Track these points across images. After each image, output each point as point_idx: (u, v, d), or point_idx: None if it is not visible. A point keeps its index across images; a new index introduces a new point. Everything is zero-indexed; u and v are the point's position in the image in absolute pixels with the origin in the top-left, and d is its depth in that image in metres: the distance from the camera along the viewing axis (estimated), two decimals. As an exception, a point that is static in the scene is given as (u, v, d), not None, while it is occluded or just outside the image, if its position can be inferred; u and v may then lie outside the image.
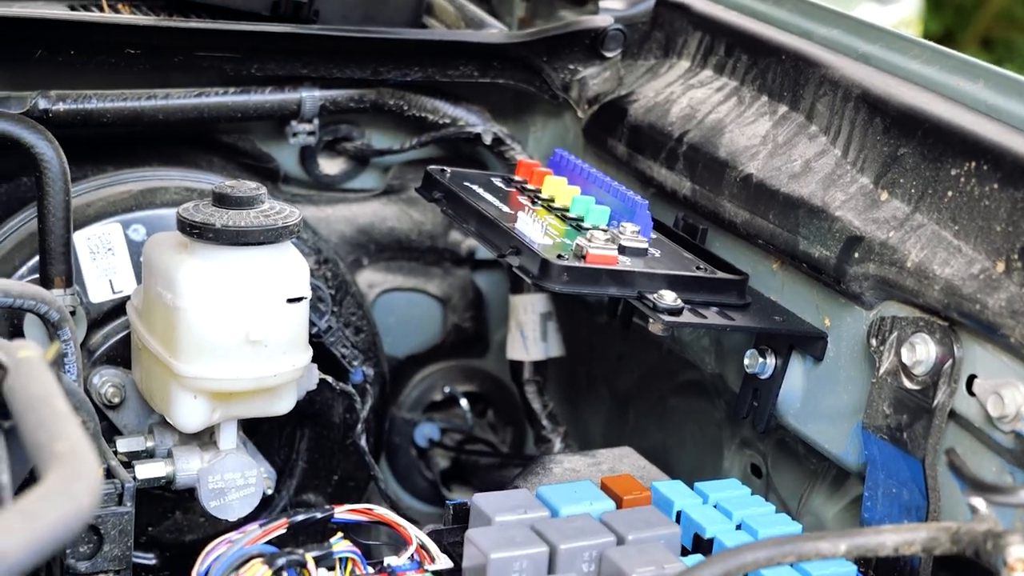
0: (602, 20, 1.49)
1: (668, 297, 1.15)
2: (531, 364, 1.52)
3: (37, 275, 1.42)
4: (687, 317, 1.16)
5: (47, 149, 1.35)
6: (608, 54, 1.51)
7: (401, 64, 1.51)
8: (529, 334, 1.50)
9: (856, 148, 1.19)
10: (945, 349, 1.02)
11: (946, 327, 1.03)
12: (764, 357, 1.23)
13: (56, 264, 1.36)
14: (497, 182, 1.40)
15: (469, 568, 1.05)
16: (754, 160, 1.26)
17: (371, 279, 1.64)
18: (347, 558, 1.11)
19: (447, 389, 1.69)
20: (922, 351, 1.04)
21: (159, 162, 1.51)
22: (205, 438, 1.35)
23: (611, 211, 1.31)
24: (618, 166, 1.45)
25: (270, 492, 1.44)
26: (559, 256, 1.17)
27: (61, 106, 1.39)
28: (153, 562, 1.47)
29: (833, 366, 1.17)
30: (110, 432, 1.41)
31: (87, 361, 1.43)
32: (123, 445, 1.34)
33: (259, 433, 1.49)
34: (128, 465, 1.32)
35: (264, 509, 1.48)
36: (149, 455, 1.35)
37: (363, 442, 1.50)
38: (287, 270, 1.28)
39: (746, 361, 1.24)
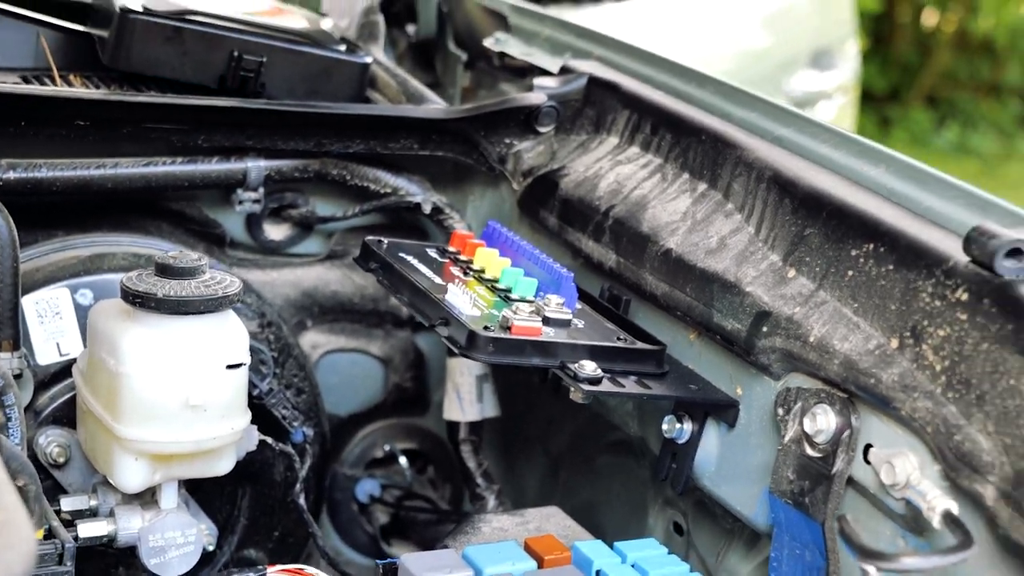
0: (536, 97, 1.51)
1: (588, 367, 1.17)
2: (467, 424, 1.53)
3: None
4: (606, 386, 1.18)
5: None
6: (542, 129, 1.53)
7: (344, 136, 1.52)
8: (465, 395, 1.51)
9: (767, 227, 1.21)
10: (844, 420, 1.05)
11: (845, 399, 1.06)
12: (681, 423, 1.25)
13: (3, 328, 1.35)
14: (432, 253, 1.41)
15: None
16: (674, 235, 1.28)
17: (315, 340, 1.65)
18: None
19: (387, 447, 1.70)
20: (823, 421, 1.06)
21: (108, 228, 1.51)
22: (147, 497, 1.35)
23: (538, 283, 1.32)
24: (550, 237, 1.47)
25: (211, 548, 1.44)
26: (486, 328, 1.19)
27: (11, 175, 1.39)
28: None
29: (744, 432, 1.19)
30: (55, 491, 1.39)
31: (33, 421, 1.42)
32: (67, 504, 1.34)
33: (201, 491, 1.47)
34: (71, 524, 1.31)
35: (206, 564, 1.48)
36: (92, 513, 1.34)
37: (302, 500, 1.49)
38: (227, 338, 1.28)
39: (664, 426, 1.26)
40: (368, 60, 1.59)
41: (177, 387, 1.25)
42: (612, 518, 1.47)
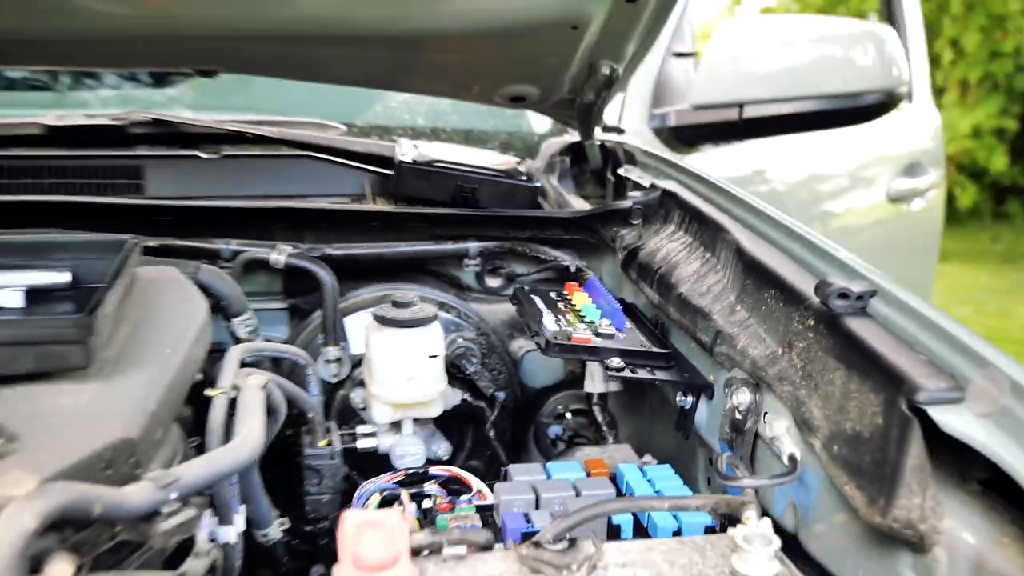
0: (628, 203, 1.55)
1: (616, 361, 1.24)
2: (597, 395, 1.53)
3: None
4: (626, 373, 1.23)
5: (325, 275, 1.47)
6: (633, 221, 1.56)
7: (524, 228, 1.60)
8: (596, 378, 1.50)
9: (731, 279, 1.22)
10: (753, 397, 1.08)
11: (755, 384, 1.09)
12: (686, 396, 1.27)
13: (330, 334, 1.49)
14: (552, 294, 1.46)
15: (497, 504, 1.10)
16: (685, 284, 1.30)
17: (520, 344, 1.66)
18: (435, 495, 1.18)
19: (562, 407, 1.69)
20: (742, 397, 1.10)
21: (396, 280, 1.58)
22: (395, 428, 1.40)
23: (602, 312, 1.37)
24: (634, 285, 1.49)
25: (446, 457, 1.47)
26: (555, 337, 1.25)
27: (336, 252, 1.52)
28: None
29: (715, 403, 1.21)
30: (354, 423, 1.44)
31: (350, 385, 1.52)
32: (360, 429, 1.40)
33: (445, 428, 1.50)
34: (354, 438, 1.39)
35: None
36: (371, 435, 1.40)
37: (492, 435, 1.55)
38: (427, 341, 1.33)
39: (677, 398, 1.29)
40: (537, 184, 1.66)
41: (400, 367, 1.31)
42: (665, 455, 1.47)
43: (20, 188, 1.59)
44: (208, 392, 1.06)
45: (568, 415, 1.70)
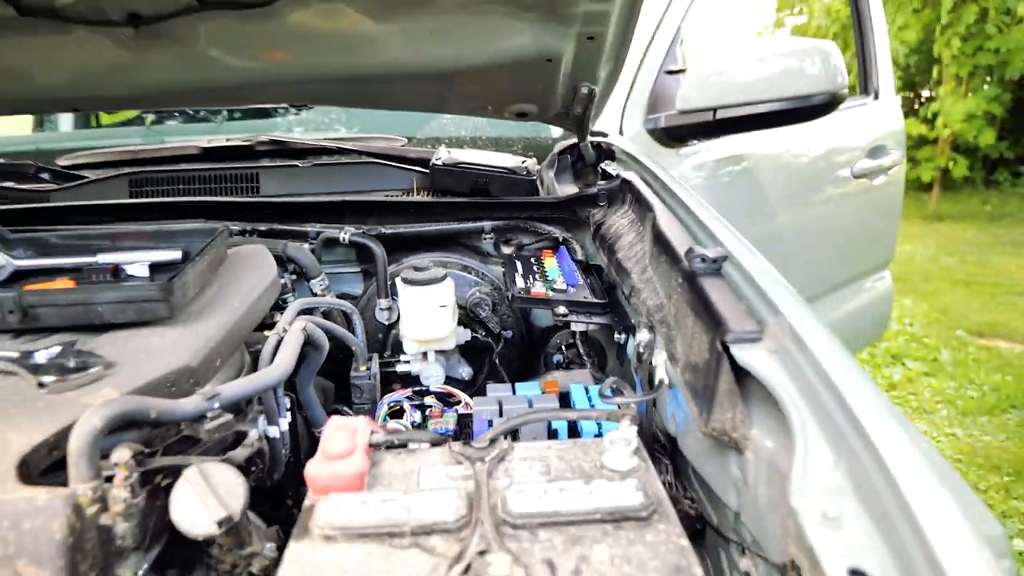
0: (594, 190, 1.50)
1: (561, 309, 1.22)
2: (579, 333, 1.43)
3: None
4: (571, 317, 1.23)
5: (376, 247, 1.49)
6: (600, 204, 1.51)
7: (523, 210, 1.57)
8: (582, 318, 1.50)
9: (648, 246, 1.17)
10: (651, 336, 1.05)
11: (650, 326, 1.06)
12: (622, 335, 1.25)
13: (382, 289, 1.51)
14: (532, 260, 1.43)
15: (473, 413, 1.09)
16: (622, 251, 1.25)
17: None
18: (432, 406, 1.19)
19: (559, 341, 1.60)
20: (643, 336, 1.07)
21: (436, 251, 1.58)
22: (423, 358, 1.40)
23: (562, 273, 1.34)
24: (599, 252, 1.44)
25: (468, 379, 1.46)
26: (519, 292, 1.24)
27: (387, 231, 1.53)
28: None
29: (635, 340, 1.17)
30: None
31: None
32: (402, 357, 1.39)
33: (470, 357, 1.48)
34: (394, 364, 1.38)
35: (471, 387, 1.50)
36: (407, 362, 1.39)
37: (496, 361, 1.52)
38: (439, 294, 1.31)
39: (615, 335, 1.27)
40: (534, 177, 1.60)
41: (418, 314, 1.32)
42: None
43: (181, 192, 1.70)
44: (265, 333, 1.12)
45: (563, 348, 1.65)
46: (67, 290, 0.99)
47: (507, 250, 1.68)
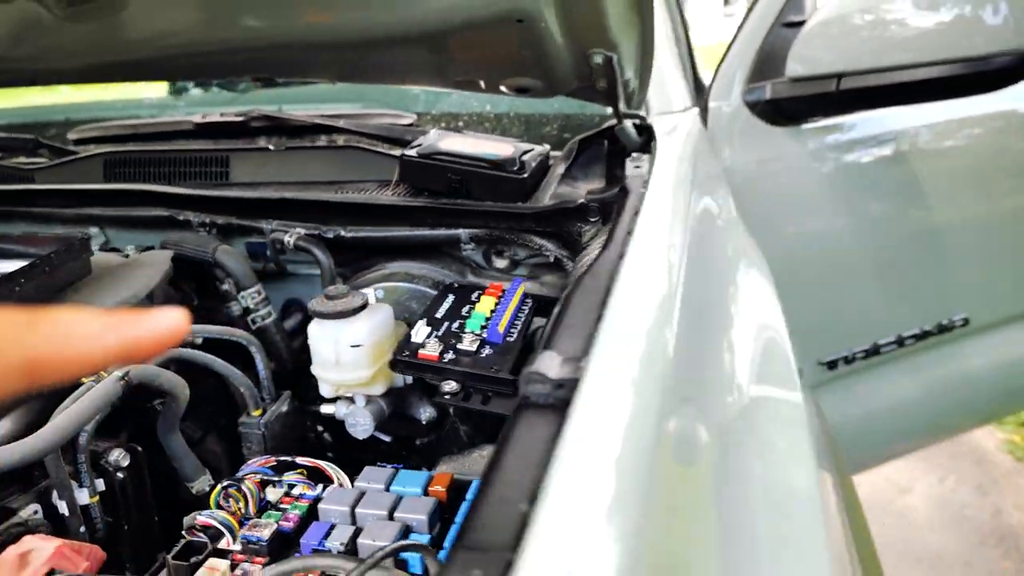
0: (580, 200, 1.17)
1: (449, 386, 0.89)
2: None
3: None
4: (452, 400, 0.88)
5: (320, 254, 1.28)
6: (591, 218, 1.16)
7: (511, 221, 1.26)
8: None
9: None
10: None
11: None
12: None
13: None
14: (473, 296, 1.11)
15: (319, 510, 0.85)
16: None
17: None
18: (286, 485, 0.94)
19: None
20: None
21: (417, 258, 1.35)
22: (348, 401, 1.17)
23: (490, 323, 0.99)
24: None
25: (429, 420, 1.19)
26: (401, 352, 0.94)
27: (348, 235, 1.31)
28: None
29: None
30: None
31: None
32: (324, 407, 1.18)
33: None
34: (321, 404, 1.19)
35: (428, 433, 1.26)
36: (331, 403, 1.16)
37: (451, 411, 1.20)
38: (349, 332, 1.06)
39: None
40: (524, 176, 1.26)
41: (326, 353, 1.08)
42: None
43: (152, 175, 1.57)
44: (82, 379, 0.92)
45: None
46: None
47: (500, 263, 1.36)
